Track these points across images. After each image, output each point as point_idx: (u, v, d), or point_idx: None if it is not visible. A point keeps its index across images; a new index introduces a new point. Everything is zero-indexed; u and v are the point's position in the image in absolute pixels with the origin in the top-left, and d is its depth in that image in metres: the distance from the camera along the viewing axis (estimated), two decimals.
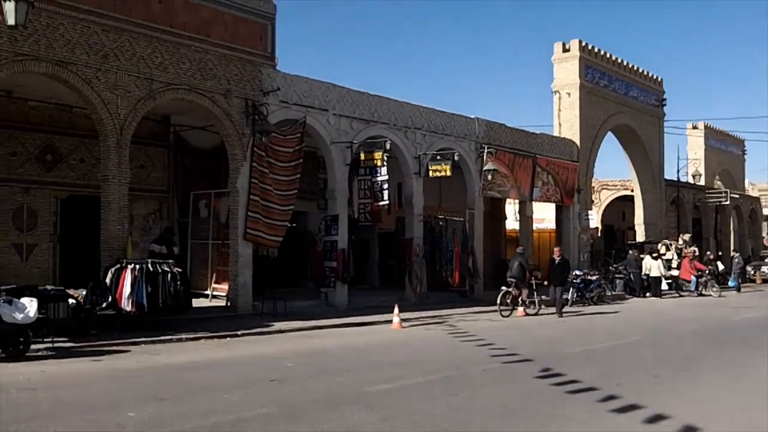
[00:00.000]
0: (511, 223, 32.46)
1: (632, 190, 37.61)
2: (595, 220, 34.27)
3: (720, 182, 48.65)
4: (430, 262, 23.32)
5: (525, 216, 28.03)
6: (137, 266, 14.35)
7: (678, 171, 39.60)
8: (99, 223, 15.46)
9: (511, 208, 32.63)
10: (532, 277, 20.69)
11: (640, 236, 36.08)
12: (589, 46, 31.66)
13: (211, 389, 9.16)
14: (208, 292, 18.98)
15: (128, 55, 15.65)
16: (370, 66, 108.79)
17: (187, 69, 16.77)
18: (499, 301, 19.50)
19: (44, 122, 17.84)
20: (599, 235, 36.98)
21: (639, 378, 10.33)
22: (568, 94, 30.87)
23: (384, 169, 21.10)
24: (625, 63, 34.43)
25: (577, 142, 30.40)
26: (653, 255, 29.64)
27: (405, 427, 7.41)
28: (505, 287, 19.83)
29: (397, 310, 17.07)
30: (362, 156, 20.95)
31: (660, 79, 37.55)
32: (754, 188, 55.01)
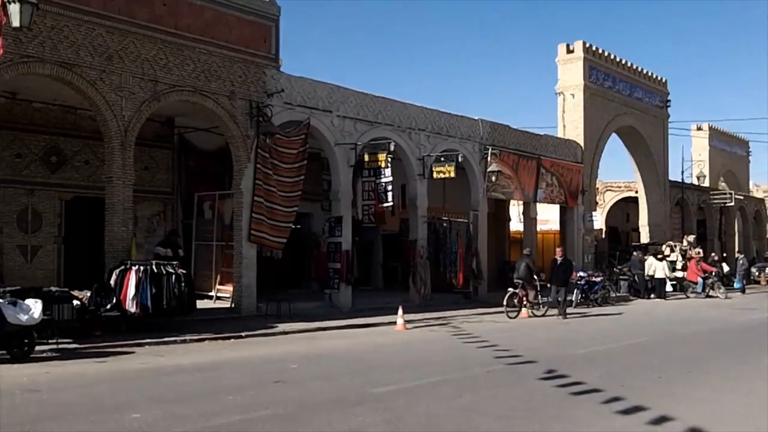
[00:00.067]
0: (515, 224, 32.48)
1: (636, 192, 37.58)
2: (599, 221, 34.21)
3: (724, 183, 48.52)
4: (434, 264, 23.31)
5: (529, 217, 28.04)
6: (141, 268, 14.37)
7: (682, 172, 39.66)
8: (103, 225, 15.50)
9: (515, 210, 32.61)
10: (538, 279, 20.66)
11: (645, 238, 36.03)
12: (593, 48, 31.65)
13: (215, 391, 9.17)
14: (212, 294, 19.00)
15: (133, 56, 15.69)
16: (374, 67, 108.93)
17: (191, 71, 16.81)
18: (506, 302, 19.47)
19: (49, 124, 17.89)
20: (603, 236, 36.94)
21: (644, 379, 10.31)
22: (573, 95, 30.88)
23: (388, 171, 21.10)
24: (630, 64, 34.40)
25: (582, 144, 30.39)
26: (658, 256, 29.58)
27: (410, 429, 7.40)
28: (512, 288, 19.83)
29: (401, 311, 17.06)
30: (366, 157, 20.97)
31: (664, 80, 37.53)
32: (758, 189, 54.79)
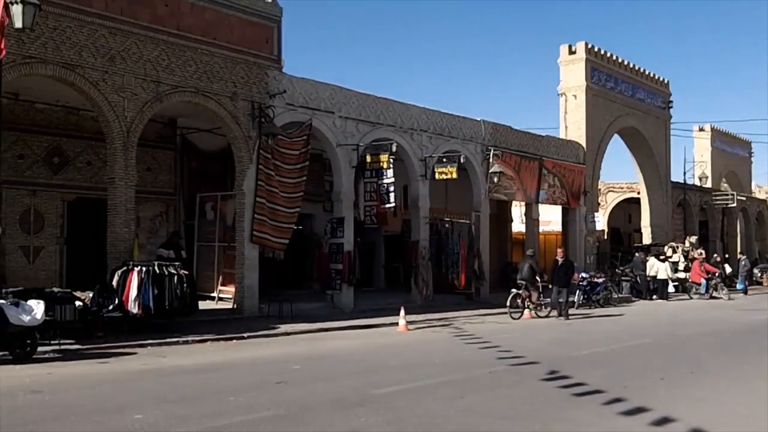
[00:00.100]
0: (518, 225, 32.46)
1: (639, 193, 37.54)
2: (601, 222, 34.20)
3: (727, 184, 48.46)
4: (436, 265, 23.32)
5: (531, 218, 28.03)
6: (144, 269, 14.39)
7: (684, 173, 39.65)
8: (106, 226, 15.52)
9: (518, 211, 32.59)
10: (541, 280, 20.65)
11: (647, 239, 36.01)
12: (596, 48, 31.63)
13: (217, 391, 9.17)
14: (215, 295, 19.00)
15: (135, 57, 15.71)
16: (376, 68, 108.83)
17: (193, 72, 16.82)
18: (510, 303, 19.47)
19: (51, 125, 17.92)
20: (605, 237, 36.91)
21: (646, 380, 10.30)
22: (575, 96, 30.86)
23: (390, 172, 21.13)
24: (632, 65, 34.39)
25: (584, 145, 30.36)
26: (660, 257, 29.55)
27: (411, 429, 7.40)
28: (515, 289, 19.81)
29: (403, 312, 17.05)
30: (368, 158, 20.97)
31: (666, 81, 37.50)
32: (761, 190, 54.78)
